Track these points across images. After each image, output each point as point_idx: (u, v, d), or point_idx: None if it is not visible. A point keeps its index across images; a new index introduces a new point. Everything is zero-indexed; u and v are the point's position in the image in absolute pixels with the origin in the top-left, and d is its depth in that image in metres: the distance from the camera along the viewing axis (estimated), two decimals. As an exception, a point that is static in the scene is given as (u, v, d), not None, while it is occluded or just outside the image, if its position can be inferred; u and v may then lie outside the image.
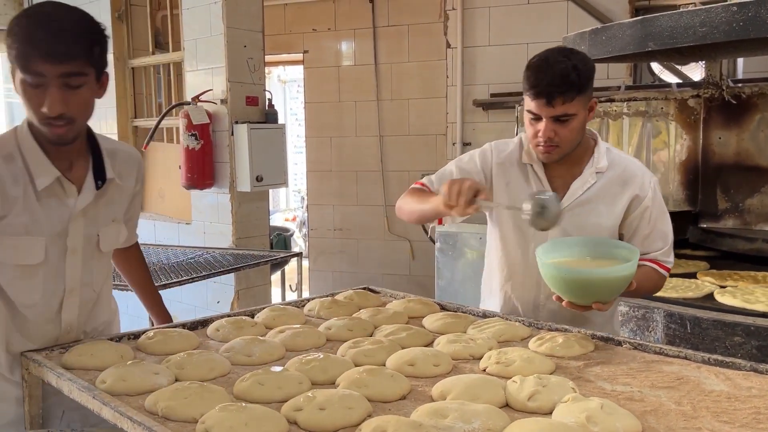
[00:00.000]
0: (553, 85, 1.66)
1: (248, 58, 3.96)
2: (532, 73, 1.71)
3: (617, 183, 1.82)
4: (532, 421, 1.14)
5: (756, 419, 1.20)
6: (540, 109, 1.70)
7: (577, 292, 1.61)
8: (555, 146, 1.74)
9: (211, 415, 1.16)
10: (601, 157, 1.83)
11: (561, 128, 1.71)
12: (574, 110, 1.70)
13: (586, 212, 1.81)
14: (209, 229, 4.16)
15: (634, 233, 1.83)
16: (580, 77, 1.68)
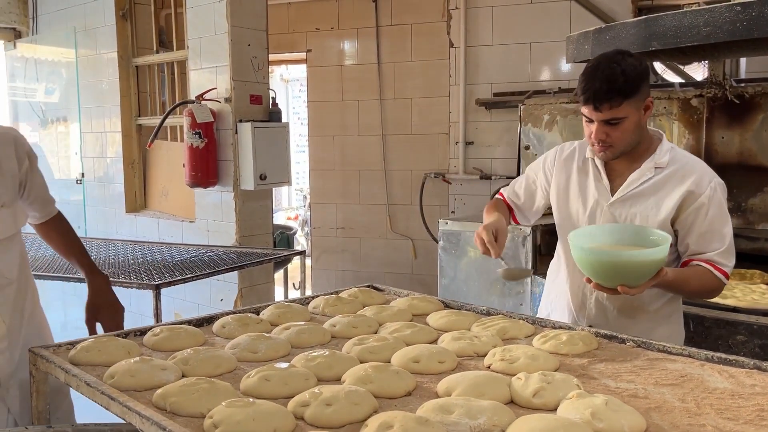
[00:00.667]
0: (600, 92, 1.72)
1: (252, 56, 3.97)
2: (582, 78, 1.78)
3: (675, 178, 1.83)
4: (537, 417, 1.14)
5: (759, 416, 1.20)
6: (590, 114, 1.77)
7: (603, 274, 1.68)
8: (609, 146, 1.79)
9: (219, 410, 1.17)
10: (663, 153, 1.85)
11: (612, 130, 1.77)
12: (623, 114, 1.74)
13: (638, 204, 1.85)
14: (213, 228, 4.17)
15: (689, 231, 1.82)
16: (628, 83, 1.72)
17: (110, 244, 3.96)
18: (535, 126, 3.80)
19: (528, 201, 2.11)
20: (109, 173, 5.02)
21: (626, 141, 1.80)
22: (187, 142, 3.94)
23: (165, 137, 4.73)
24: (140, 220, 4.80)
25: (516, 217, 2.15)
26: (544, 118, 3.76)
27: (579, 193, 1.94)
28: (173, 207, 4.68)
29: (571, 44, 2.96)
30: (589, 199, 1.92)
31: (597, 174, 1.92)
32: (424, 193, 5.26)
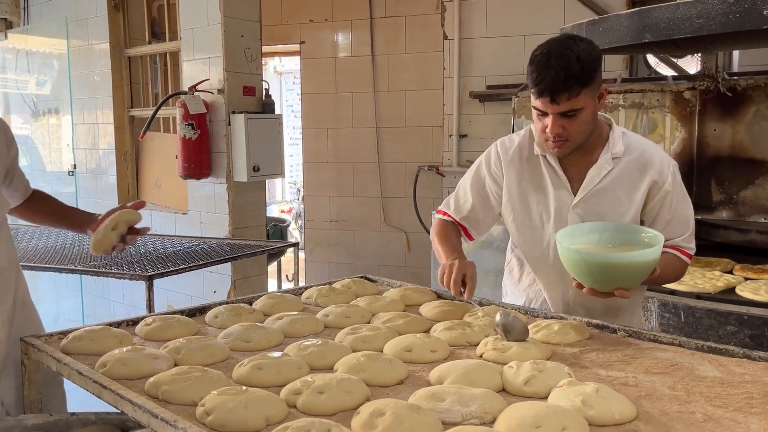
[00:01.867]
0: (556, 81, 1.59)
1: (245, 47, 3.96)
2: (534, 68, 1.63)
3: (635, 168, 1.76)
4: (528, 405, 1.15)
5: (749, 404, 1.21)
6: (545, 107, 1.64)
7: (599, 277, 1.57)
8: (565, 140, 1.68)
9: (211, 398, 1.18)
10: (616, 141, 1.76)
11: (569, 123, 1.65)
12: (581, 104, 1.62)
13: (606, 200, 1.76)
14: (206, 219, 4.16)
15: (654, 220, 1.77)
16: (584, 69, 1.59)
17: (103, 236, 3.93)
18: (529, 118, 3.80)
19: (483, 211, 1.92)
20: (101, 165, 5.00)
21: (584, 133, 1.69)
22: (179, 133, 3.93)
23: (158, 129, 4.71)
24: (133, 212, 4.77)
25: (470, 234, 1.98)
26: (538, 111, 3.76)
27: (537, 197, 1.81)
28: (166, 199, 4.67)
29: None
30: (551, 202, 1.80)
31: (552, 173, 1.79)
32: (417, 185, 5.26)
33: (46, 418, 1.44)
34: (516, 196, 1.84)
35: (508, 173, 1.85)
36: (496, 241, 3.03)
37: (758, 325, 1.94)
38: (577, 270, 1.59)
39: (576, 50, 1.60)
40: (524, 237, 1.87)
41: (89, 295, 4.95)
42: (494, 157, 1.89)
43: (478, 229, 1.97)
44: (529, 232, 1.85)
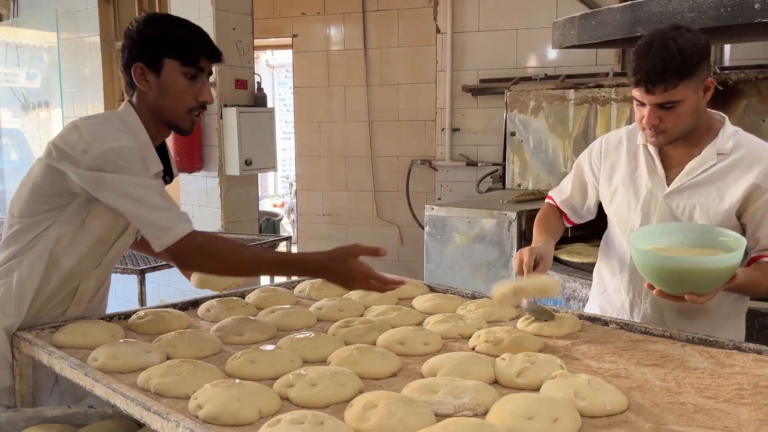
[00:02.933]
0: (654, 72, 1.54)
1: (237, 40, 3.94)
2: (634, 58, 1.59)
3: (740, 166, 1.66)
4: (520, 396, 1.16)
5: (739, 395, 1.23)
6: (642, 97, 1.59)
7: (668, 281, 1.51)
8: (661, 132, 1.62)
9: (204, 390, 1.17)
10: (726, 138, 1.67)
11: (667, 114, 1.59)
12: (680, 96, 1.56)
13: (698, 194, 1.68)
14: (198, 213, 4.15)
15: (759, 224, 1.64)
16: (686, 61, 1.54)
17: (94, 230, 3.92)
18: (521, 112, 3.81)
19: (579, 198, 1.93)
20: (92, 159, 4.96)
21: (681, 126, 1.62)
22: (171, 127, 3.90)
23: (149, 122, 4.68)
24: (124, 206, 4.75)
25: (569, 218, 1.98)
26: (530, 105, 3.77)
27: (630, 184, 1.77)
28: (158, 193, 4.64)
29: (557, 30, 2.97)
30: (642, 190, 1.75)
31: (650, 162, 1.74)
32: (410, 179, 5.26)
33: (65, 410, 1.46)
34: (611, 184, 1.82)
35: (606, 161, 1.84)
36: (488, 235, 3.03)
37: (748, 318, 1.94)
38: (648, 271, 1.54)
39: (679, 41, 1.55)
40: (613, 225, 1.85)
41: (81, 290, 4.92)
42: (597, 149, 1.88)
43: (577, 214, 1.98)
44: (617, 218, 1.82)
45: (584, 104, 3.56)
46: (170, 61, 1.55)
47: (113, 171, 1.46)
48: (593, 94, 3.53)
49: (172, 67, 1.55)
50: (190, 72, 1.56)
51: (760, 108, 2.95)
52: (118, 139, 1.50)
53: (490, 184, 4.68)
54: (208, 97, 1.60)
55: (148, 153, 1.58)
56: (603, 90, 3.50)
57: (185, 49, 1.55)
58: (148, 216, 1.46)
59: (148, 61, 1.56)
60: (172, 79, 1.56)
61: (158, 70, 1.55)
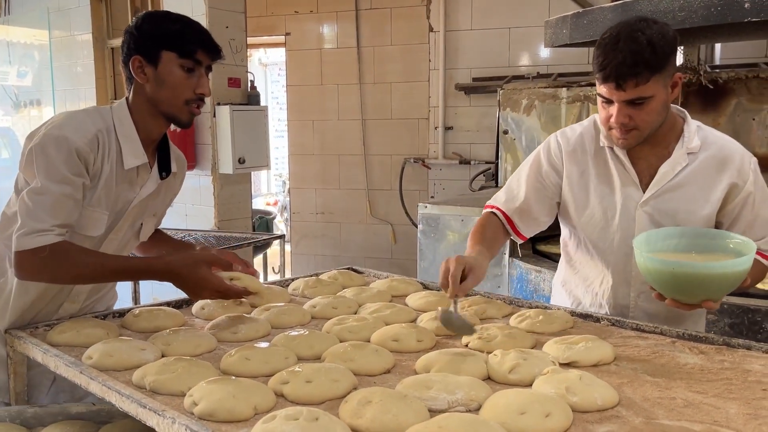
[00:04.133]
0: (624, 66, 1.46)
1: (230, 39, 3.94)
2: (600, 52, 1.51)
3: (713, 165, 1.62)
4: (513, 392, 1.17)
5: (728, 390, 1.24)
6: (610, 93, 1.51)
7: (687, 289, 1.44)
8: (631, 130, 1.55)
9: (199, 387, 1.18)
10: (692, 136, 1.63)
11: (637, 112, 1.52)
12: (650, 92, 1.49)
13: (678, 198, 1.63)
14: (191, 212, 4.15)
15: (734, 222, 1.64)
16: (656, 54, 1.46)
17: (87, 229, 3.91)
18: (514, 111, 3.82)
19: (537, 203, 1.76)
20: (84, 157, 4.95)
21: (652, 123, 1.55)
22: (164, 125, 3.90)
23: (142, 121, 4.67)
24: (117, 204, 4.75)
25: (518, 228, 1.79)
26: (523, 103, 3.78)
27: (602, 191, 1.68)
28: (151, 191, 4.63)
29: (550, 29, 2.98)
30: (617, 198, 1.67)
31: (620, 166, 1.66)
32: (403, 178, 5.28)
33: (89, 407, 1.47)
34: (578, 190, 1.71)
35: (568, 164, 1.72)
36: (481, 232, 3.06)
37: (738, 314, 1.97)
38: (661, 281, 1.46)
39: (647, 33, 1.47)
40: (585, 234, 1.74)
41: (73, 289, 4.91)
42: (554, 146, 1.75)
43: (529, 224, 1.79)
44: (591, 229, 1.72)
45: (576, 102, 3.58)
46: (167, 53, 1.57)
47: (38, 156, 1.49)
48: (585, 92, 3.56)
49: (170, 59, 1.57)
50: (187, 64, 1.58)
51: (750, 107, 2.98)
52: (65, 128, 1.52)
53: (482, 182, 4.70)
54: (205, 89, 1.61)
55: (129, 147, 1.61)
56: (594, 88, 3.52)
57: (182, 42, 1.57)
58: (20, 215, 1.49)
59: (146, 54, 1.58)
60: (169, 71, 1.58)
61: (156, 63, 1.58)
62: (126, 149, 1.61)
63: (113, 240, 1.70)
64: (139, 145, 1.63)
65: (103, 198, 1.60)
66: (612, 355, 1.40)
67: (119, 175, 1.62)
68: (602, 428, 1.09)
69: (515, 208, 1.78)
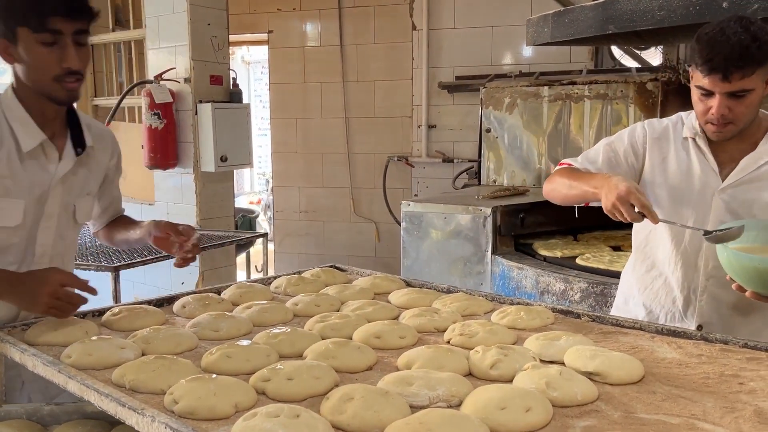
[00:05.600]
0: (731, 59, 1.51)
1: (212, 36, 3.91)
2: (705, 45, 1.55)
3: None
4: (493, 387, 1.18)
5: (705, 383, 1.26)
6: (714, 85, 1.55)
7: None
8: (728, 123, 1.60)
9: (180, 386, 1.17)
10: None
11: (736, 104, 1.57)
12: (752, 85, 1.54)
13: (757, 189, 1.66)
14: (173, 210, 4.12)
15: None
16: (762, 49, 1.52)
17: (66, 228, 3.87)
18: (496, 109, 3.84)
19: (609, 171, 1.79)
20: (64, 155, 4.90)
21: (748, 117, 1.60)
22: (145, 123, 3.87)
23: (122, 118, 4.63)
24: (98, 203, 4.70)
25: None
26: (505, 101, 3.80)
27: (681, 178, 1.73)
28: (131, 189, 4.59)
29: (531, 27, 3.00)
30: (695, 185, 1.71)
31: (701, 156, 1.71)
32: (387, 176, 5.28)
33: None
34: (658, 173, 1.76)
35: (651, 150, 1.78)
36: (464, 230, 3.06)
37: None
38: (745, 275, 1.50)
39: (752, 29, 1.53)
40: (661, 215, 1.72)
41: (53, 288, 4.85)
42: (640, 131, 1.81)
43: None
44: (666, 212, 1.74)
45: (558, 101, 3.61)
46: (22, 30, 1.44)
47: None
48: (567, 91, 3.58)
49: (25, 35, 1.44)
50: (44, 38, 1.43)
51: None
52: None
53: (466, 180, 4.72)
54: (72, 62, 1.45)
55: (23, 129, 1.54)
56: (576, 87, 3.55)
57: (33, 13, 1.42)
58: None
59: (6, 35, 1.47)
60: (28, 49, 1.46)
61: (15, 42, 1.46)
62: (20, 132, 1.54)
63: (48, 228, 1.64)
64: (33, 126, 1.55)
65: (11, 186, 1.54)
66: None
67: (22, 159, 1.55)
68: (582, 422, 1.10)
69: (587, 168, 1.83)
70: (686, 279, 1.76)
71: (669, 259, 1.78)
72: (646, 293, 1.84)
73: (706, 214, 1.71)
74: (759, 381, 1.26)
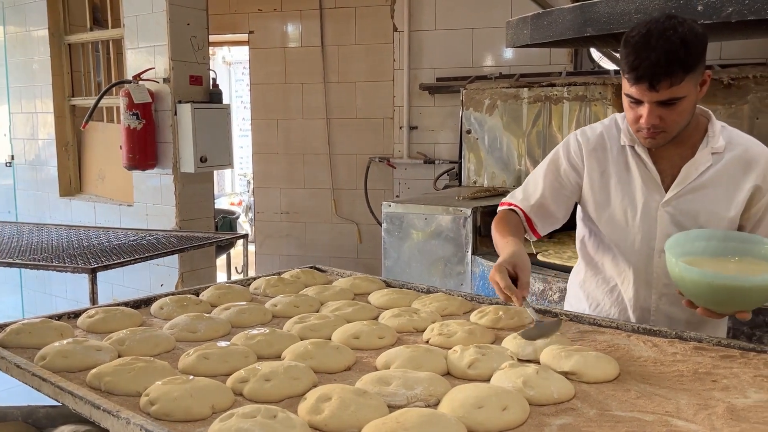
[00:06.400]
0: (657, 66, 1.40)
1: (192, 36, 3.88)
2: (631, 51, 1.44)
3: (738, 167, 1.58)
4: (471, 386, 1.18)
5: (679, 381, 1.28)
6: (641, 94, 1.46)
7: (723, 300, 1.40)
8: (660, 132, 1.51)
9: (156, 387, 1.16)
10: (716, 136, 1.58)
11: (668, 113, 1.47)
12: (683, 92, 1.44)
13: (701, 199, 1.59)
14: (152, 211, 4.08)
15: (756, 225, 1.61)
16: (690, 53, 1.40)
17: (43, 229, 3.82)
18: (477, 110, 3.86)
19: (555, 203, 1.72)
20: (41, 156, 4.84)
21: (681, 125, 1.51)
22: (124, 123, 3.83)
23: (101, 118, 4.58)
24: (75, 204, 4.64)
25: (536, 227, 1.76)
26: (485, 103, 3.83)
27: (622, 191, 1.64)
28: (110, 190, 4.55)
29: (511, 29, 3.02)
30: (638, 198, 1.63)
31: (641, 166, 1.62)
32: (368, 177, 5.28)
33: None
34: (598, 189, 1.67)
35: (589, 163, 1.68)
36: (444, 231, 3.07)
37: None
38: (697, 291, 1.41)
39: (680, 31, 1.41)
40: (606, 234, 1.70)
41: (30, 291, 4.78)
42: (574, 144, 1.71)
43: (546, 221, 1.76)
44: (611, 229, 1.68)
45: (537, 103, 3.64)
46: None
47: None
48: (546, 92, 3.61)
49: None
50: None
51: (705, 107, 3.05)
52: None
53: (447, 181, 4.73)
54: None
55: None
56: (555, 89, 3.58)
57: None
58: None
59: None
60: None
61: None
62: None
63: None
64: None
65: None
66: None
67: None
68: (558, 421, 1.11)
69: (532, 205, 1.74)
70: (638, 298, 1.70)
71: (618, 278, 1.72)
72: (597, 311, 1.78)
73: (652, 229, 1.64)
74: (732, 378, 1.28)
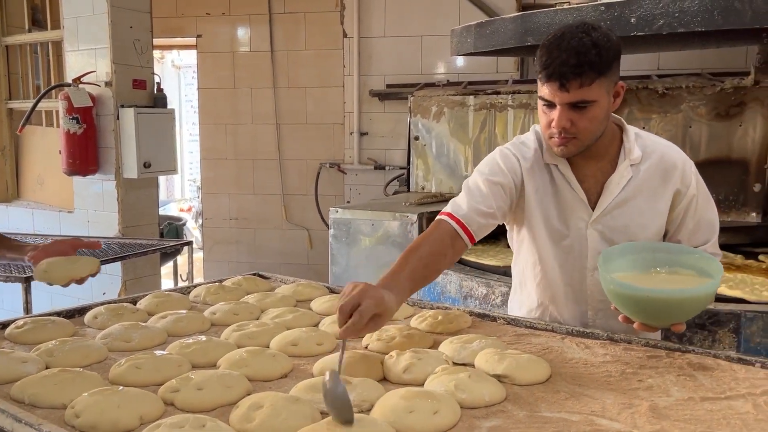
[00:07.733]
0: (567, 65, 1.41)
1: (135, 39, 3.81)
2: (544, 51, 1.46)
3: (657, 176, 1.60)
4: (403, 391, 1.19)
5: (607, 381, 1.32)
6: (553, 95, 1.46)
7: (659, 314, 1.41)
8: (571, 137, 1.50)
9: (82, 399, 1.13)
10: (632, 146, 1.59)
11: (579, 117, 1.47)
12: (594, 96, 1.45)
13: (627, 213, 1.60)
14: (93, 218, 3.97)
15: (678, 228, 1.64)
16: (602, 56, 1.43)
17: (-23, 237, 3.67)
18: (424, 117, 3.90)
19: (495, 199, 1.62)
20: (-24, 161, 4.65)
21: (593, 132, 1.51)
22: (63, 127, 3.72)
23: (39, 122, 4.44)
24: (12, 210, 4.48)
25: (473, 234, 1.61)
26: (432, 110, 3.87)
27: (553, 210, 1.64)
28: (49, 196, 4.41)
29: (455, 37, 3.07)
30: (568, 218, 1.63)
31: (566, 186, 1.62)
32: (319, 183, 5.26)
33: None
34: (535, 210, 1.65)
35: (527, 182, 1.64)
36: (392, 236, 3.09)
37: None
38: (631, 307, 1.42)
39: (593, 35, 1.44)
40: (539, 253, 1.69)
41: (-37, 301, 4.59)
42: (514, 161, 1.65)
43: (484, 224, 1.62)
44: (543, 249, 1.68)
45: (483, 110, 3.70)
46: None
47: None
48: (491, 100, 3.68)
49: None
50: None
51: (640, 116, 3.17)
52: None
53: (397, 187, 4.76)
54: None
55: None
56: (500, 96, 3.65)
57: None
58: None
59: None
60: None
61: None
62: None
63: None
64: None
65: None
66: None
67: None
68: (488, 423, 1.13)
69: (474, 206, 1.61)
70: (573, 315, 1.70)
71: (555, 296, 1.71)
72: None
73: (583, 247, 1.63)
74: (656, 378, 1.33)
